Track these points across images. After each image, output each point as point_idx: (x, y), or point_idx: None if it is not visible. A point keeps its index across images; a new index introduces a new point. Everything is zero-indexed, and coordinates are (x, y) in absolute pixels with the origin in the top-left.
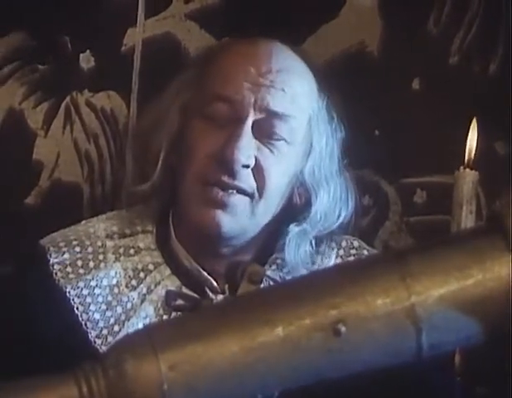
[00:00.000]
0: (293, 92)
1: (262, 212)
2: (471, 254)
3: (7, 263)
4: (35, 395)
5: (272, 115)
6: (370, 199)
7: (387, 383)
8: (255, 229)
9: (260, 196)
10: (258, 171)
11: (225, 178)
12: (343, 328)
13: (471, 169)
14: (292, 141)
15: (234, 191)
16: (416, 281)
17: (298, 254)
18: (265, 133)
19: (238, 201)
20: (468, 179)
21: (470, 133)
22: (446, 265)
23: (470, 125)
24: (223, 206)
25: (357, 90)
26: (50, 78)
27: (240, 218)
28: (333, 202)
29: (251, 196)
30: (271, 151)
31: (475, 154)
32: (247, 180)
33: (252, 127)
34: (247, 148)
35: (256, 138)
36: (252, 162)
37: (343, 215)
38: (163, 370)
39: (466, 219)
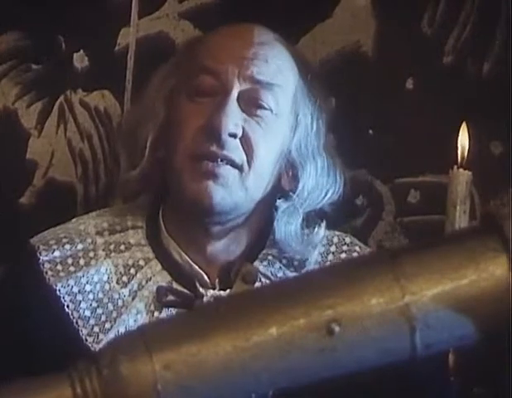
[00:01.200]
0: (278, 62)
1: (252, 186)
2: (466, 254)
3: (1, 261)
4: (28, 396)
5: (257, 84)
6: (364, 199)
7: (381, 383)
8: (247, 204)
9: (250, 167)
10: (245, 142)
11: (213, 148)
12: (337, 328)
13: (465, 169)
14: (278, 112)
15: (224, 162)
16: (410, 281)
17: (288, 231)
18: (251, 102)
19: (227, 171)
20: (462, 179)
21: (460, 133)
22: (440, 265)
23: (460, 124)
24: (213, 176)
25: (351, 90)
26: (43, 77)
27: (231, 190)
28: (320, 178)
29: (240, 167)
30: (258, 123)
31: (468, 154)
32: (235, 150)
33: (238, 98)
34: (233, 117)
35: (242, 109)
36: (239, 132)
37: (330, 191)
38: (157, 369)
39: (460, 219)
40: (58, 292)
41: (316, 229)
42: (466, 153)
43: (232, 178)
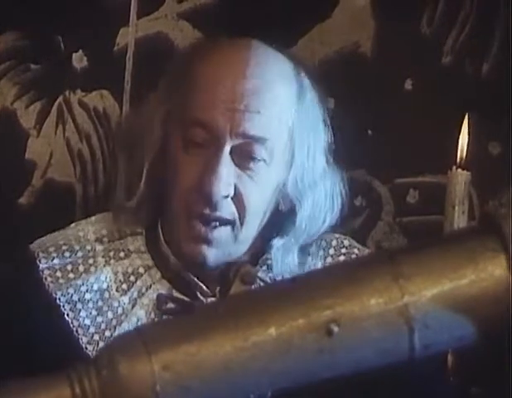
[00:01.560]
0: (270, 112)
1: (245, 236)
2: (464, 255)
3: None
4: (27, 396)
5: (249, 139)
6: (363, 199)
7: (379, 383)
8: (241, 251)
9: (242, 223)
10: (237, 199)
11: (207, 210)
12: (336, 328)
13: (464, 169)
14: (271, 161)
15: (217, 223)
16: (409, 281)
17: (285, 264)
18: (244, 157)
19: (221, 233)
20: (461, 179)
21: (461, 133)
22: (439, 265)
23: (460, 124)
24: (207, 241)
25: (350, 91)
26: (42, 78)
27: (225, 248)
28: (317, 209)
29: (232, 223)
30: (250, 177)
31: (467, 155)
32: (227, 209)
33: (230, 153)
34: (225, 178)
35: (235, 164)
36: (231, 192)
37: (328, 219)
38: (156, 370)
39: (459, 219)
40: (58, 300)
41: (316, 253)
42: (464, 153)
43: (225, 237)
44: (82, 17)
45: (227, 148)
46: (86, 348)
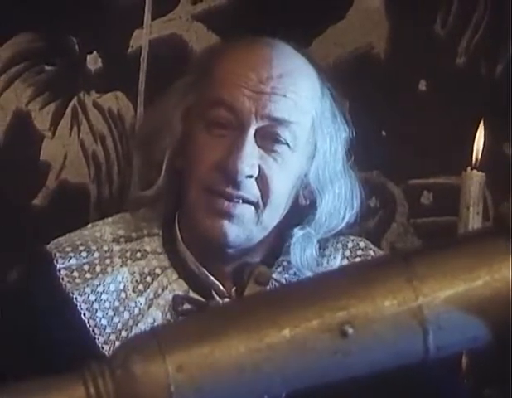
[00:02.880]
0: (295, 97)
1: (267, 219)
2: (478, 256)
3: (14, 268)
4: (42, 396)
5: (274, 122)
6: (377, 200)
7: (394, 385)
8: (261, 235)
9: (265, 204)
10: (262, 180)
11: (230, 189)
12: (350, 330)
13: (478, 170)
14: (294, 146)
15: (240, 201)
16: (423, 283)
17: (304, 257)
18: (268, 139)
19: (243, 210)
20: (475, 180)
21: (477, 135)
22: (453, 267)
23: (477, 126)
24: (229, 216)
25: (364, 92)
26: (57, 79)
27: (246, 227)
28: (338, 203)
29: (256, 204)
30: (274, 159)
31: (482, 156)
32: (251, 189)
33: (255, 134)
34: (250, 158)
35: (259, 146)
36: (255, 172)
37: (348, 215)
38: (170, 371)
39: (473, 220)
40: (75, 300)
41: (332, 251)
42: (480, 154)
43: (248, 216)
44: (96, 19)
45: (252, 129)
46: (103, 348)
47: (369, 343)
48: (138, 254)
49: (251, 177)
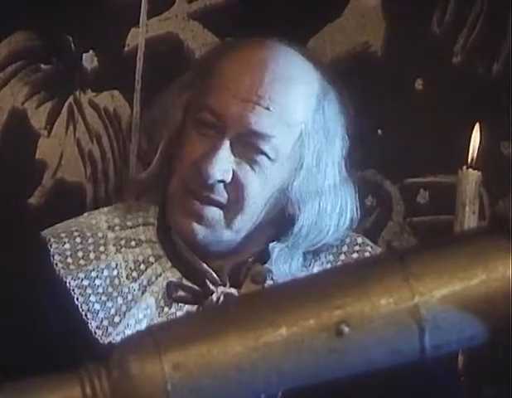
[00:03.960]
0: (281, 110)
1: (240, 225)
2: (475, 255)
3: (8, 261)
4: (38, 396)
5: (254, 134)
6: (373, 199)
7: (390, 384)
8: (233, 239)
9: (237, 210)
10: (235, 185)
11: (202, 190)
12: (346, 329)
13: (474, 169)
14: (275, 157)
15: (210, 204)
16: (419, 281)
17: (288, 271)
18: (247, 148)
19: (212, 213)
20: (471, 179)
21: (473, 133)
22: (449, 265)
23: (473, 125)
24: (198, 217)
25: (360, 90)
26: (53, 78)
27: (215, 229)
28: (322, 218)
29: (226, 208)
30: (251, 167)
31: (478, 154)
32: (223, 194)
33: (232, 141)
34: (222, 164)
35: (236, 152)
36: (228, 178)
37: (331, 231)
38: (167, 370)
39: (469, 219)
40: (68, 284)
41: (326, 257)
42: (476, 153)
43: (217, 218)
44: (93, 18)
45: (229, 135)
46: (95, 333)
47: (365, 342)
48: (133, 243)
49: (223, 182)
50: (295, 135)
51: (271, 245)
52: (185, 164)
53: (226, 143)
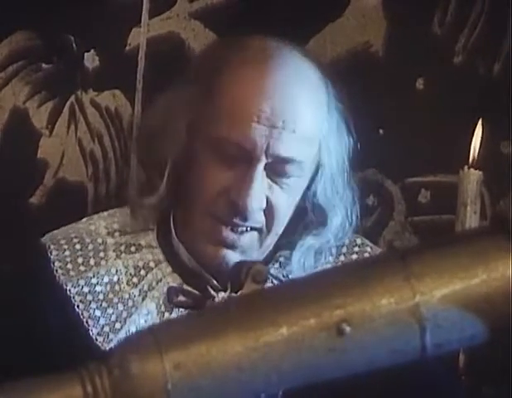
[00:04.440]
0: (304, 128)
1: (269, 243)
2: (476, 254)
3: (9, 261)
4: (39, 395)
5: (284, 160)
6: (374, 199)
7: (391, 383)
8: (261, 256)
9: (269, 230)
10: (269, 209)
11: (237, 220)
12: (347, 328)
13: (476, 169)
14: (301, 175)
15: (246, 230)
16: (420, 281)
17: (304, 267)
18: (276, 173)
19: (248, 239)
20: (472, 179)
21: (475, 133)
22: (450, 265)
23: (474, 125)
24: (233, 246)
25: (361, 90)
26: (54, 77)
27: (249, 253)
28: (345, 219)
29: (260, 231)
30: (281, 188)
31: (479, 154)
32: (258, 219)
33: (264, 168)
34: (259, 194)
35: (268, 175)
36: (264, 205)
37: (347, 228)
38: (168, 369)
39: (471, 219)
40: (68, 292)
41: (326, 258)
42: (477, 153)
43: (251, 243)
44: (94, 17)
45: (261, 165)
46: (96, 339)
47: (366, 341)
48: (133, 248)
49: (260, 209)
50: (316, 148)
51: (305, 238)
52: (209, 195)
53: (260, 172)
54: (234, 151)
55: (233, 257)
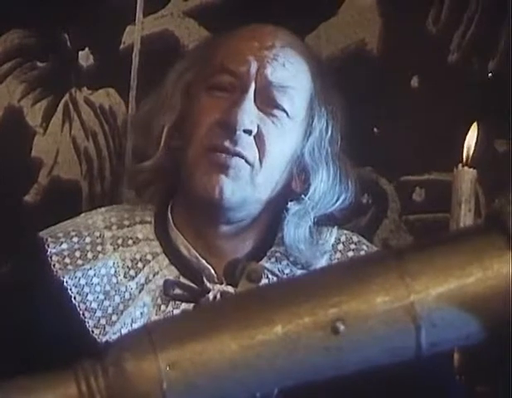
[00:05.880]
0: (294, 69)
1: (262, 183)
2: (471, 253)
3: (6, 257)
4: (34, 395)
5: (272, 86)
6: (369, 197)
7: (386, 382)
8: (255, 203)
9: (261, 165)
10: (259, 139)
11: (227, 143)
12: (342, 327)
13: (470, 167)
14: (293, 115)
15: (236, 157)
16: (415, 279)
17: (298, 234)
18: (267, 102)
19: (239, 165)
20: (467, 177)
21: (470, 131)
22: (445, 263)
23: (469, 123)
24: (225, 169)
25: (356, 88)
26: (49, 75)
27: (241, 184)
28: (333, 183)
29: (251, 164)
30: (273, 122)
31: (473, 152)
32: (248, 147)
33: (254, 97)
34: (249, 113)
35: (259, 107)
36: (254, 129)
37: (342, 197)
38: (163, 368)
39: (465, 217)
40: (65, 283)
41: (326, 236)
42: (471, 152)
43: (243, 172)
44: (88, 15)
45: (251, 90)
46: (93, 332)
47: (361, 340)
48: (130, 241)
49: (250, 133)
50: (306, 97)
51: (290, 203)
52: (204, 128)
53: (250, 96)
54: (228, 80)
55: (227, 184)
